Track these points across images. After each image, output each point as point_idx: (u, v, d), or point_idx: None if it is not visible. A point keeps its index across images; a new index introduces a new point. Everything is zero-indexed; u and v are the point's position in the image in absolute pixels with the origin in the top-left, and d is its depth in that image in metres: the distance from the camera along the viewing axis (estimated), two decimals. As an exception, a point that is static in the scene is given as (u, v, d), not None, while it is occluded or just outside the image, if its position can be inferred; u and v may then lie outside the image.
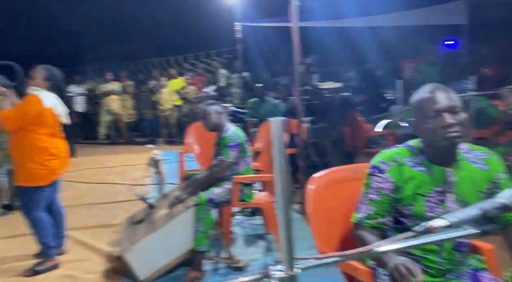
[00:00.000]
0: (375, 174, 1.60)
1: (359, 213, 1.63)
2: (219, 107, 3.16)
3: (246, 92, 8.18)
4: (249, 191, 3.15)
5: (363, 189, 1.66)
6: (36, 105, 2.77)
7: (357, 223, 1.63)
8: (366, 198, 1.62)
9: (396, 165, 1.58)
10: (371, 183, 1.61)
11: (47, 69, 2.93)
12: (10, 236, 3.64)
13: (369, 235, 1.58)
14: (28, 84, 2.91)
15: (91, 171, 6.26)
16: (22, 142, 2.81)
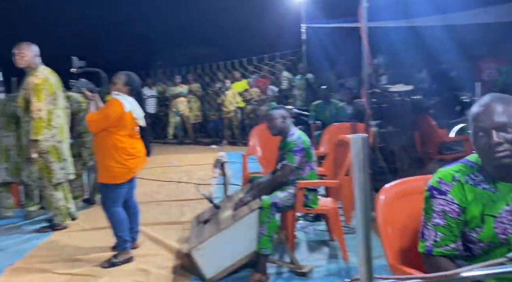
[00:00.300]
0: (436, 196, 1.47)
1: (426, 240, 1.49)
2: (284, 111, 3.16)
3: (310, 94, 8.11)
4: (313, 196, 3.11)
5: (423, 213, 1.53)
6: (118, 109, 2.99)
7: (426, 253, 1.50)
8: (431, 223, 1.48)
9: (457, 185, 1.45)
10: (433, 206, 1.48)
11: (127, 75, 3.16)
12: (91, 228, 3.96)
13: (446, 263, 1.44)
14: (111, 89, 3.15)
15: (160, 169, 6.60)
16: (103, 142, 3.04)
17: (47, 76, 3.72)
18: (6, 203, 4.27)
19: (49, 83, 3.71)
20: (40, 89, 3.62)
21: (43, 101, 3.63)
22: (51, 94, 3.72)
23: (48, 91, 3.68)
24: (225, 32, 12.41)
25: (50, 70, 3.85)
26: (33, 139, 3.61)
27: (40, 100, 3.61)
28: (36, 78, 3.65)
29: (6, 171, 4.12)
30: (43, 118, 3.63)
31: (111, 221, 3.14)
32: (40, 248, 3.51)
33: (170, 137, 9.67)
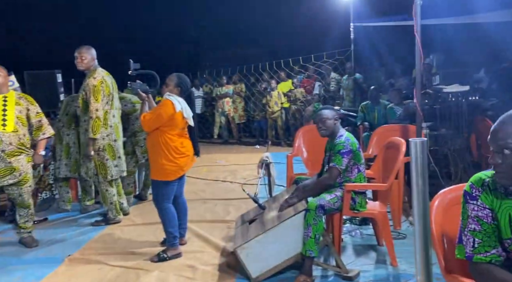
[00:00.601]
0: (469, 201, 1.44)
1: (465, 247, 1.45)
2: (333, 111, 3.11)
3: (358, 95, 7.92)
4: (361, 200, 3.04)
5: (461, 218, 1.49)
6: (169, 109, 3.11)
7: (468, 260, 1.45)
8: (467, 229, 1.45)
9: (487, 190, 1.41)
10: (467, 211, 1.45)
11: (179, 77, 3.28)
12: (142, 223, 4.14)
13: (494, 270, 1.38)
14: (163, 90, 3.27)
15: (206, 168, 6.75)
16: (156, 141, 3.17)
17: (104, 78, 3.93)
18: (66, 197, 4.57)
19: (106, 85, 3.91)
20: (98, 91, 3.83)
21: (101, 102, 3.84)
22: (108, 95, 3.93)
23: (105, 93, 3.89)
24: (271, 32, 12.46)
25: (106, 72, 4.06)
26: (91, 138, 3.83)
27: (98, 101, 3.83)
28: (95, 80, 3.86)
29: (67, 166, 4.39)
30: (100, 118, 3.84)
31: (162, 217, 3.26)
32: (95, 241, 3.71)
33: (215, 137, 9.85)
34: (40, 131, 3.59)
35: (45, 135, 3.62)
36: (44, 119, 3.64)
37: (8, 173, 3.37)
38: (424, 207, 0.73)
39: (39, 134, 3.59)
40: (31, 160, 3.54)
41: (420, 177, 0.73)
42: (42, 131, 3.59)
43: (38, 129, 3.59)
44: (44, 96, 5.26)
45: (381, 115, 5.67)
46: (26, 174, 3.47)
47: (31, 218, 3.66)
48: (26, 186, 3.51)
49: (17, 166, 3.40)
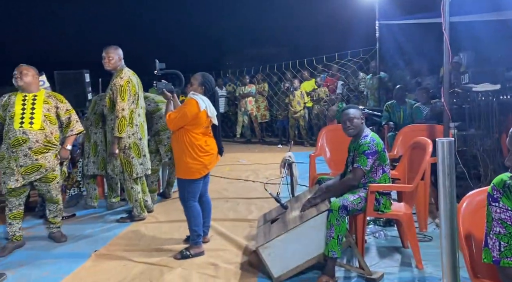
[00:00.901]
0: (491, 203, 1.41)
1: (492, 251, 1.41)
2: (359, 110, 3.07)
3: (383, 94, 7.78)
4: (385, 201, 2.99)
5: (486, 221, 1.46)
6: (194, 108, 3.14)
7: (495, 264, 1.41)
8: (492, 232, 1.42)
9: (508, 192, 1.37)
10: (491, 213, 1.42)
11: (203, 76, 3.32)
12: (165, 221, 4.20)
13: None
14: (187, 89, 3.31)
15: (229, 167, 6.79)
16: (181, 139, 3.21)
17: (130, 78, 4.01)
18: (93, 194, 4.69)
19: (132, 85, 3.99)
20: (125, 90, 3.91)
21: (127, 102, 3.92)
22: (134, 95, 4.00)
23: (131, 92, 3.97)
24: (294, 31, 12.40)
25: (132, 72, 4.14)
26: (116, 136, 3.91)
27: (124, 100, 3.91)
28: (121, 80, 3.95)
29: (94, 164, 4.52)
30: (126, 117, 3.92)
31: (187, 215, 3.30)
32: (120, 237, 3.79)
33: (238, 136, 9.89)
34: (68, 128, 3.70)
35: (73, 132, 3.72)
36: (73, 116, 3.74)
37: (35, 170, 3.48)
38: (452, 209, 0.71)
39: (68, 131, 3.70)
40: (57, 159, 3.63)
41: (448, 178, 0.71)
42: (70, 128, 3.70)
43: (67, 126, 3.70)
44: (73, 95, 5.41)
45: (407, 115, 5.55)
46: (52, 170, 3.58)
47: (59, 213, 3.78)
48: (54, 183, 3.63)
49: (44, 163, 3.50)
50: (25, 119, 3.46)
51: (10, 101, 3.51)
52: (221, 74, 10.82)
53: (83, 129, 3.84)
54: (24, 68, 3.58)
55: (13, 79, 3.55)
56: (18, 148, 3.41)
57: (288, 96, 8.88)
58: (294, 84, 8.73)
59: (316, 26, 11.91)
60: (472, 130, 4.13)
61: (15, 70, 3.57)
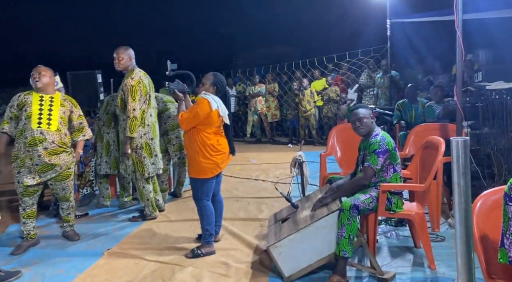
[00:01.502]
0: (509, 203, 1.41)
1: (508, 251, 1.41)
2: (369, 109, 3.05)
3: (394, 93, 7.71)
4: (397, 200, 2.97)
5: (502, 220, 1.45)
6: (206, 107, 3.15)
7: (510, 264, 1.40)
8: (509, 231, 1.41)
9: None
10: (508, 213, 1.41)
11: (215, 76, 3.33)
12: (176, 220, 4.23)
13: None
14: (199, 89, 3.32)
15: (239, 166, 6.80)
16: (193, 139, 3.22)
17: (141, 78, 4.04)
18: (105, 193, 4.75)
19: (143, 85, 4.02)
20: (136, 91, 3.95)
21: (138, 102, 3.96)
22: (145, 95, 4.04)
23: (142, 93, 4.00)
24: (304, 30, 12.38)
25: (144, 72, 4.17)
26: (128, 136, 3.95)
27: (135, 100, 3.94)
28: (132, 80, 3.98)
29: (107, 164, 4.57)
30: (137, 117, 3.96)
31: (200, 214, 3.32)
32: (132, 236, 3.83)
33: (248, 135, 9.90)
34: (80, 133, 3.75)
35: (85, 137, 3.80)
36: (85, 122, 3.81)
37: (51, 168, 3.53)
38: (467, 209, 0.71)
39: (80, 135, 3.75)
40: (71, 157, 3.68)
41: (462, 177, 0.70)
42: (82, 133, 3.76)
43: (79, 131, 3.74)
44: (85, 95, 5.49)
45: (419, 113, 5.50)
46: (68, 168, 3.63)
47: (72, 211, 3.83)
48: (69, 180, 3.68)
49: (58, 162, 3.55)
50: (43, 119, 3.51)
51: (26, 101, 3.56)
52: (231, 74, 10.85)
53: (92, 135, 3.92)
54: (42, 69, 3.63)
55: (31, 80, 3.60)
56: (34, 147, 3.46)
57: (298, 95, 8.85)
58: (304, 83, 8.70)
59: (327, 25, 11.86)
60: (486, 129, 4.07)
61: (33, 71, 3.61)
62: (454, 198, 0.74)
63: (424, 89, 6.76)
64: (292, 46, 13.07)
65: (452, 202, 3.77)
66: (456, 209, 0.72)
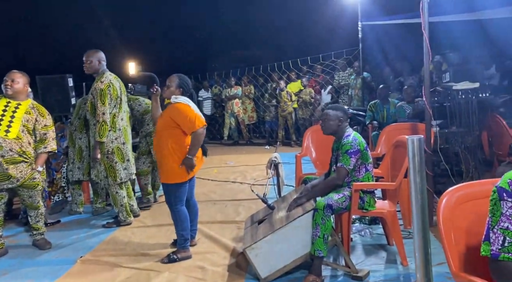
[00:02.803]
0: (505, 198, 1.40)
1: (492, 244, 1.42)
2: (341, 113, 3.09)
3: (366, 94, 7.88)
4: (369, 199, 3.03)
5: (490, 215, 1.46)
6: (191, 111, 3.10)
7: (492, 257, 1.42)
8: (498, 227, 1.41)
9: None
10: (501, 208, 1.41)
11: (180, 77, 3.25)
12: (152, 225, 4.18)
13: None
14: (164, 92, 3.25)
15: (216, 169, 6.78)
16: (164, 144, 3.15)
17: (112, 81, 3.96)
18: (78, 200, 4.64)
19: (113, 88, 3.94)
20: (105, 94, 3.86)
21: (107, 106, 3.87)
22: (115, 99, 3.96)
23: (112, 96, 3.92)
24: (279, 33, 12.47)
25: (115, 76, 4.10)
26: (98, 141, 3.88)
27: (105, 104, 3.86)
28: (102, 84, 3.90)
29: (79, 170, 4.46)
30: (107, 122, 3.87)
31: (174, 219, 3.26)
32: (106, 243, 3.76)
33: (225, 138, 9.89)
34: (42, 144, 3.57)
35: (47, 149, 3.60)
36: (50, 133, 3.63)
37: (6, 179, 3.39)
38: (423, 205, 0.73)
39: (41, 147, 3.57)
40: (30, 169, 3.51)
41: (418, 174, 0.73)
42: (44, 145, 3.57)
43: (41, 142, 3.57)
44: (56, 100, 5.36)
45: (390, 114, 5.63)
46: (31, 179, 3.50)
47: (41, 218, 3.72)
48: (37, 189, 3.57)
49: (14, 173, 3.39)
50: (1, 126, 3.37)
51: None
52: (207, 77, 10.81)
53: (56, 148, 3.73)
54: (16, 76, 3.49)
55: (2, 86, 3.48)
56: None
57: (275, 97, 8.93)
58: (280, 85, 8.79)
59: (301, 27, 12.00)
60: (454, 128, 4.22)
61: (6, 77, 3.47)
62: (411, 195, 0.77)
63: (395, 90, 6.94)
64: (267, 48, 13.15)
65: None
66: (413, 205, 0.75)
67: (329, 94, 8.68)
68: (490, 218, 1.45)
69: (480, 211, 1.70)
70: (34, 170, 3.53)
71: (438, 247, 1.68)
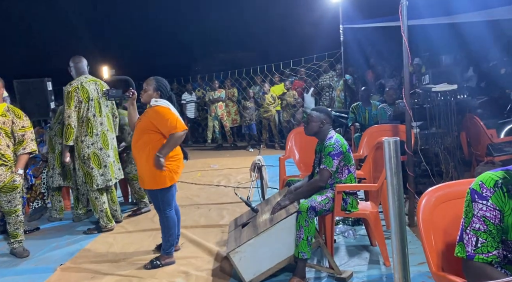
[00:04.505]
0: (477, 200, 1.42)
1: (466, 246, 1.44)
2: (324, 115, 3.11)
3: (349, 96, 7.97)
4: (352, 200, 3.05)
5: (463, 216, 1.48)
6: (172, 113, 3.05)
7: (466, 258, 1.44)
8: (471, 228, 1.43)
9: (499, 192, 1.39)
10: (473, 210, 1.43)
11: (157, 80, 3.19)
12: (134, 230, 4.11)
13: (490, 270, 1.38)
14: (142, 95, 3.19)
15: (200, 173, 6.73)
16: (147, 150, 3.07)
17: (83, 84, 3.90)
18: (58, 206, 4.53)
19: (83, 91, 3.88)
20: (71, 97, 3.83)
21: (73, 109, 3.83)
22: (86, 101, 3.89)
23: (81, 99, 3.86)
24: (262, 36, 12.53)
25: (91, 78, 4.03)
26: (64, 144, 3.85)
27: (70, 107, 3.83)
28: (70, 86, 3.88)
29: (60, 176, 4.36)
30: (72, 125, 3.83)
31: (164, 225, 3.19)
32: (87, 249, 3.68)
33: (209, 141, 9.84)
34: (20, 146, 3.50)
35: (25, 150, 3.52)
36: (28, 134, 3.55)
37: None
38: (400, 206, 0.74)
39: (20, 148, 3.50)
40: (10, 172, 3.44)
41: (395, 176, 0.74)
42: (22, 146, 3.50)
43: (19, 143, 3.50)
44: (34, 104, 5.23)
45: (372, 115, 5.71)
46: (11, 181, 3.42)
47: (20, 226, 3.62)
48: (15, 193, 3.48)
49: None
50: None
51: None
52: (190, 80, 10.76)
53: (36, 149, 3.66)
54: None
55: None
56: None
57: (258, 100, 8.95)
58: (264, 88, 8.82)
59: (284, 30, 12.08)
60: (433, 129, 4.29)
61: None
62: (388, 197, 0.77)
63: (377, 92, 7.04)
64: (250, 51, 13.18)
65: (404, 200, 3.94)
66: (390, 207, 0.76)
67: (313, 97, 8.75)
68: (464, 219, 1.47)
69: (459, 211, 1.72)
70: (15, 173, 3.46)
71: (420, 246, 1.69)
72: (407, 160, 3.69)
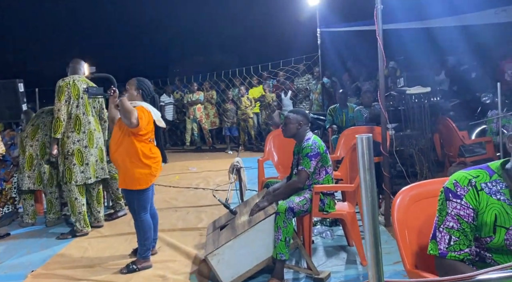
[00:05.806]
0: (451, 199, 1.45)
1: (439, 243, 1.46)
2: (301, 117, 3.13)
3: (326, 99, 8.06)
4: (329, 201, 3.08)
5: (437, 214, 1.51)
6: (146, 112, 3.03)
7: (439, 256, 1.47)
8: (444, 226, 1.45)
9: (473, 190, 1.42)
10: (447, 208, 1.45)
11: (139, 80, 3.17)
12: (110, 234, 4.02)
13: (461, 266, 1.42)
14: (123, 95, 3.15)
15: (178, 175, 6.66)
16: (126, 150, 3.02)
17: (75, 82, 3.98)
18: (30, 210, 4.39)
19: (75, 88, 3.95)
20: (62, 91, 3.91)
21: (63, 103, 3.89)
22: (75, 98, 3.95)
23: (72, 95, 3.94)
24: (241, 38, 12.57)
25: (83, 79, 4.12)
26: (53, 137, 3.89)
27: (60, 101, 3.90)
28: (62, 81, 3.96)
29: (30, 179, 4.23)
30: (61, 118, 3.87)
31: (139, 228, 3.14)
32: (61, 255, 3.57)
33: (187, 144, 9.76)
34: None
35: None
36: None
37: None
38: (373, 203, 0.75)
39: None
40: None
41: (368, 172, 0.75)
42: None
43: None
44: (5, 106, 5.08)
45: (349, 118, 5.79)
46: None
47: (-10, 233, 3.50)
48: None
49: None
50: None
51: None
52: (168, 82, 10.65)
53: (4, 150, 3.62)
54: None
55: None
56: None
57: (236, 102, 8.96)
58: (242, 91, 8.83)
59: (262, 33, 12.15)
60: (408, 131, 4.39)
61: None
62: (361, 193, 0.78)
63: (353, 95, 7.15)
64: (229, 54, 13.19)
65: (380, 200, 4.01)
66: (364, 204, 0.76)
67: (291, 100, 8.82)
68: (437, 217, 1.50)
69: (433, 210, 1.77)
70: None
71: (395, 246, 1.72)
72: (383, 161, 3.76)
